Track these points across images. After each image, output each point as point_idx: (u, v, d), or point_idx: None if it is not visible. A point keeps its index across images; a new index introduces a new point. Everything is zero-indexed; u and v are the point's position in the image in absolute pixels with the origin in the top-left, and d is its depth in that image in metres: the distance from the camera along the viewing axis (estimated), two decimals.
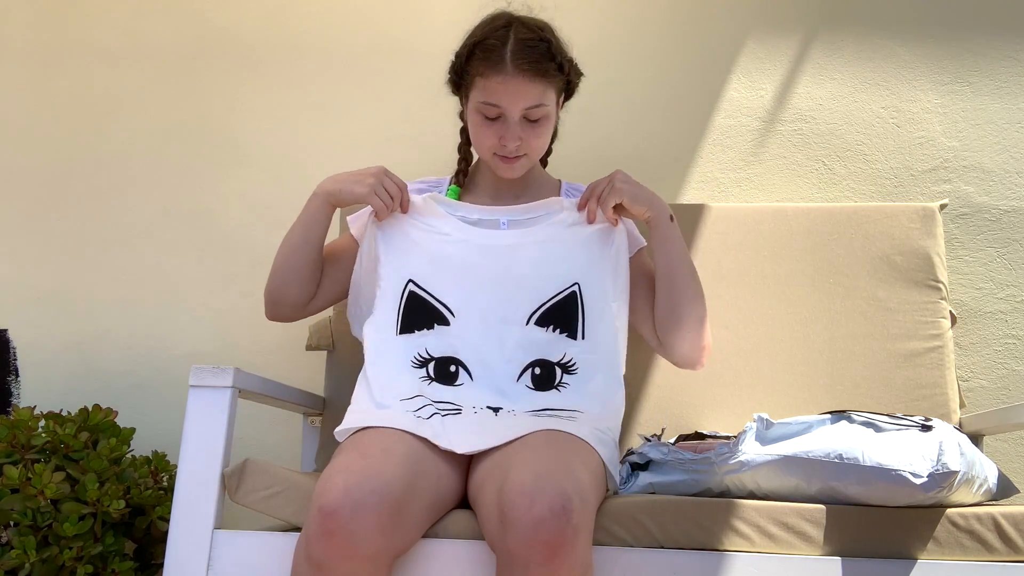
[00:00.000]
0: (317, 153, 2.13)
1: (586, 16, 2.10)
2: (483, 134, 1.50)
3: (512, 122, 1.46)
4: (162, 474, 1.72)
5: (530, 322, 1.45)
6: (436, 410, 1.37)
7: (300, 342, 1.98)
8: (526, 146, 1.49)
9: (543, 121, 1.48)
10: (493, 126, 1.48)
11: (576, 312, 1.46)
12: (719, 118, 2.05)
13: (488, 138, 1.49)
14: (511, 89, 1.43)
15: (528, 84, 1.44)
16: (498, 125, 1.47)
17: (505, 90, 1.44)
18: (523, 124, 1.47)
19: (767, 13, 2.08)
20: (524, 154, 1.50)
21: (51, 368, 2.08)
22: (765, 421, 1.33)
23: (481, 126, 1.49)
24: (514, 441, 1.29)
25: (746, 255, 1.80)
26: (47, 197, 2.16)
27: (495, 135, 1.48)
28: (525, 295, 1.46)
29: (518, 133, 1.47)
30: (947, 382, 1.69)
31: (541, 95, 1.45)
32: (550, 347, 1.44)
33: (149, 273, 2.10)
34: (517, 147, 1.48)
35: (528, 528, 1.06)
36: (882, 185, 1.99)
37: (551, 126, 1.52)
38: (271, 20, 2.19)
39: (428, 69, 2.10)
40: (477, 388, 1.40)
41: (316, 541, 1.09)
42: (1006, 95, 2.00)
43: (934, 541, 1.20)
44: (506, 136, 1.47)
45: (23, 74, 2.22)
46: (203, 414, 1.34)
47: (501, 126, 1.47)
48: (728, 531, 1.22)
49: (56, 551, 1.54)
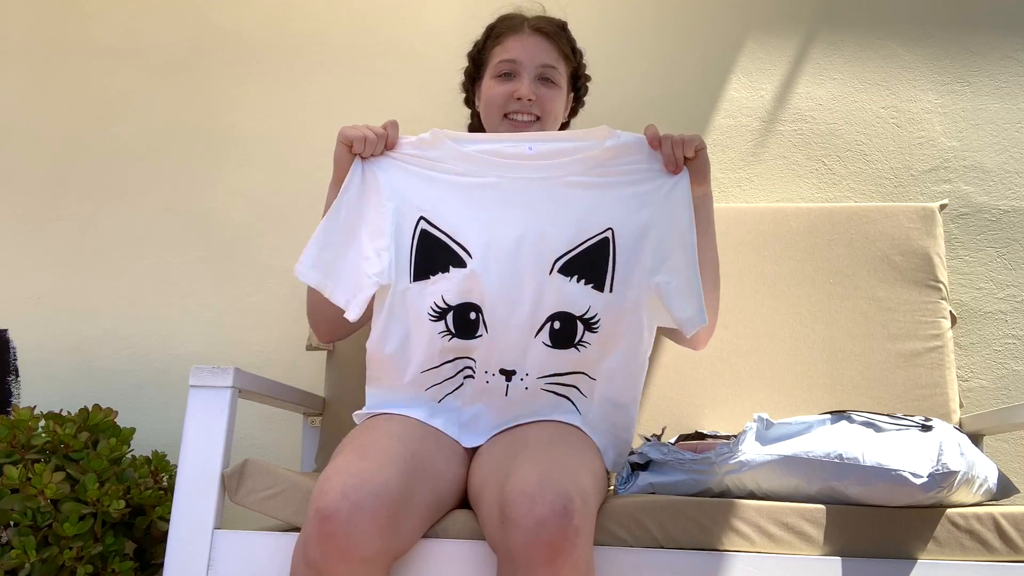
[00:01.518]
0: (317, 153, 2.12)
1: (586, 16, 2.10)
2: (496, 91, 1.51)
3: (528, 76, 1.50)
4: (162, 474, 1.72)
5: (554, 270, 1.33)
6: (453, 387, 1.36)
7: (300, 342, 1.98)
8: (539, 106, 1.50)
9: (556, 90, 1.52)
10: (508, 83, 1.51)
11: (607, 262, 1.34)
12: (719, 118, 2.05)
13: (501, 95, 1.51)
14: (528, 45, 1.50)
15: (545, 42, 1.51)
16: (513, 82, 1.50)
17: (522, 46, 1.50)
18: (537, 83, 1.50)
19: (767, 13, 2.08)
20: (537, 117, 1.51)
21: (51, 368, 2.08)
22: (765, 421, 1.33)
23: (496, 86, 1.52)
24: (518, 437, 1.29)
25: (746, 255, 1.80)
26: (47, 197, 2.16)
27: (508, 91, 1.50)
28: (550, 239, 1.34)
29: (533, 88, 1.49)
30: (947, 382, 1.69)
31: (555, 59, 1.51)
32: (573, 299, 1.33)
33: (149, 273, 2.10)
34: (531, 103, 1.49)
35: (529, 529, 1.06)
36: (882, 185, 1.99)
37: (563, 99, 1.55)
38: (271, 20, 2.19)
39: (429, 70, 2.10)
40: (492, 344, 1.34)
41: (314, 543, 1.09)
42: (1006, 95, 2.00)
43: (934, 541, 1.20)
44: (521, 88, 1.49)
45: (23, 74, 2.22)
46: (203, 414, 1.34)
47: (516, 82, 1.50)
48: (728, 531, 1.22)
49: (56, 551, 1.54)
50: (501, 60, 1.51)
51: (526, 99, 1.49)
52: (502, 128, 1.51)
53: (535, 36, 1.51)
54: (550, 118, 1.52)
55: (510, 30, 1.53)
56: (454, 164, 1.39)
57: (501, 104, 1.50)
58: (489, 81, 1.53)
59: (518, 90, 1.49)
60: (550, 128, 1.52)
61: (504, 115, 1.51)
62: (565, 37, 1.56)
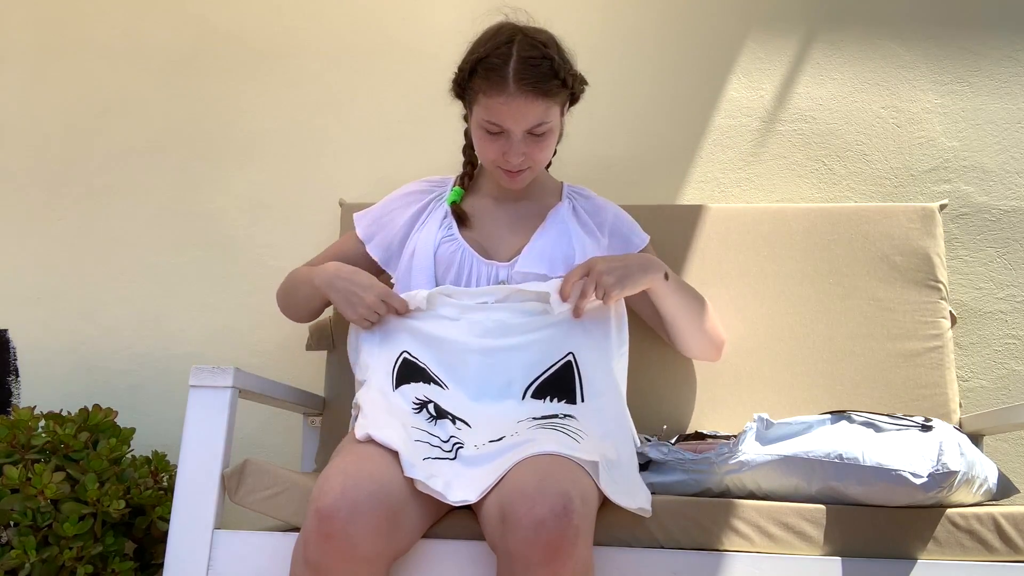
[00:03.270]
0: (317, 153, 2.13)
1: (585, 17, 2.10)
2: (486, 148, 1.50)
3: (516, 139, 1.46)
4: (162, 474, 1.72)
5: (526, 396, 1.40)
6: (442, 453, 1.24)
7: (300, 342, 1.98)
8: (529, 160, 1.49)
9: (547, 136, 1.48)
10: (497, 141, 1.48)
11: (573, 380, 1.42)
12: (719, 118, 2.05)
13: (491, 152, 1.49)
14: (514, 110, 1.42)
15: (531, 104, 1.42)
16: (502, 141, 1.48)
17: (508, 111, 1.43)
18: (527, 140, 1.47)
19: (767, 13, 2.08)
20: (528, 168, 1.51)
21: (51, 368, 2.08)
22: (765, 421, 1.33)
23: (484, 140, 1.49)
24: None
25: (746, 255, 1.80)
26: (47, 197, 2.16)
27: (498, 150, 1.48)
28: (519, 371, 1.41)
29: (522, 149, 1.47)
30: (947, 382, 1.69)
31: (544, 113, 1.45)
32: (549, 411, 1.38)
33: (149, 273, 2.10)
34: (521, 162, 1.49)
35: (529, 529, 1.06)
36: (882, 185, 1.99)
37: (555, 139, 1.53)
38: (271, 20, 2.19)
39: (429, 70, 2.11)
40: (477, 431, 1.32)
41: (313, 543, 1.09)
42: (1006, 95, 2.00)
43: (934, 541, 1.20)
44: (509, 152, 1.47)
45: (23, 74, 2.22)
46: (203, 414, 1.34)
47: (505, 142, 1.47)
48: (728, 531, 1.22)
49: (56, 551, 1.54)
50: (487, 120, 1.45)
51: (516, 162, 1.48)
52: (495, 173, 1.53)
53: (520, 98, 1.41)
54: (540, 164, 1.53)
55: (494, 88, 1.42)
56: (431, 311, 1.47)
57: (492, 159, 1.50)
58: (478, 130, 1.49)
59: (507, 153, 1.47)
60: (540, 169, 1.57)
61: (496, 166, 1.51)
62: (553, 74, 1.43)
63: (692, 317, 1.60)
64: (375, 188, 2.04)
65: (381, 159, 2.10)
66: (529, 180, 1.54)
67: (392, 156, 2.10)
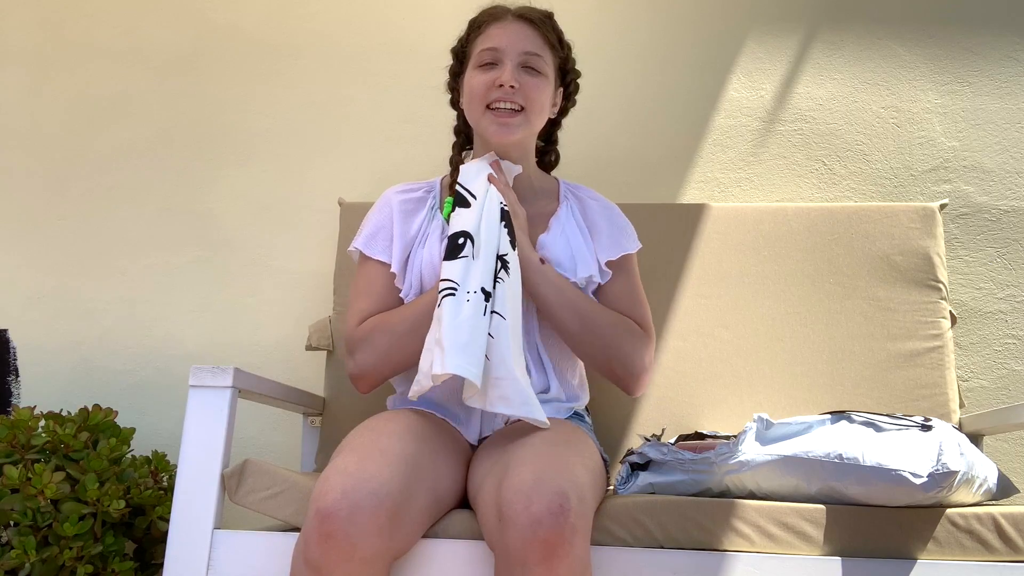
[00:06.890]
0: (317, 153, 2.13)
1: (585, 16, 2.10)
2: (478, 80, 1.45)
3: (510, 64, 1.44)
4: (162, 474, 1.72)
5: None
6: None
7: (300, 342, 1.98)
8: (523, 94, 1.43)
9: (542, 79, 1.46)
10: (489, 72, 1.45)
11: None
12: (719, 118, 2.05)
13: (483, 84, 1.44)
14: (510, 31, 1.46)
15: (528, 29, 1.47)
16: (494, 72, 1.44)
17: (504, 33, 1.46)
18: (520, 72, 1.44)
19: (767, 13, 2.08)
20: (521, 107, 1.44)
21: (51, 368, 2.08)
22: (765, 421, 1.33)
23: (477, 76, 1.46)
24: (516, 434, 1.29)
25: (746, 255, 1.80)
26: (47, 197, 2.16)
27: (491, 80, 1.43)
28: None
29: (515, 75, 1.43)
30: (947, 382, 1.69)
31: (541, 47, 1.47)
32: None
33: (149, 273, 2.10)
34: (513, 91, 1.42)
35: (526, 527, 1.06)
36: (882, 185, 1.99)
37: (549, 90, 1.48)
38: (271, 20, 2.19)
39: (429, 69, 2.11)
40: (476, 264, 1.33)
41: (314, 544, 1.09)
42: (1006, 95, 2.00)
43: (934, 541, 1.20)
44: (503, 75, 1.42)
45: (23, 74, 2.22)
46: (203, 414, 1.34)
47: (498, 71, 1.44)
48: (728, 531, 1.22)
49: (56, 551, 1.54)
50: (483, 49, 1.46)
51: (508, 86, 1.42)
52: (485, 122, 1.45)
53: (518, 23, 1.47)
54: (535, 108, 1.45)
55: (492, 19, 1.49)
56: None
57: (483, 94, 1.44)
58: (471, 72, 1.47)
59: (499, 77, 1.42)
60: (535, 120, 1.47)
61: (487, 106, 1.45)
62: (551, 26, 1.51)
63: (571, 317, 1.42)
64: (375, 188, 2.04)
65: (381, 159, 2.10)
66: (521, 131, 1.45)
67: (392, 156, 2.10)
